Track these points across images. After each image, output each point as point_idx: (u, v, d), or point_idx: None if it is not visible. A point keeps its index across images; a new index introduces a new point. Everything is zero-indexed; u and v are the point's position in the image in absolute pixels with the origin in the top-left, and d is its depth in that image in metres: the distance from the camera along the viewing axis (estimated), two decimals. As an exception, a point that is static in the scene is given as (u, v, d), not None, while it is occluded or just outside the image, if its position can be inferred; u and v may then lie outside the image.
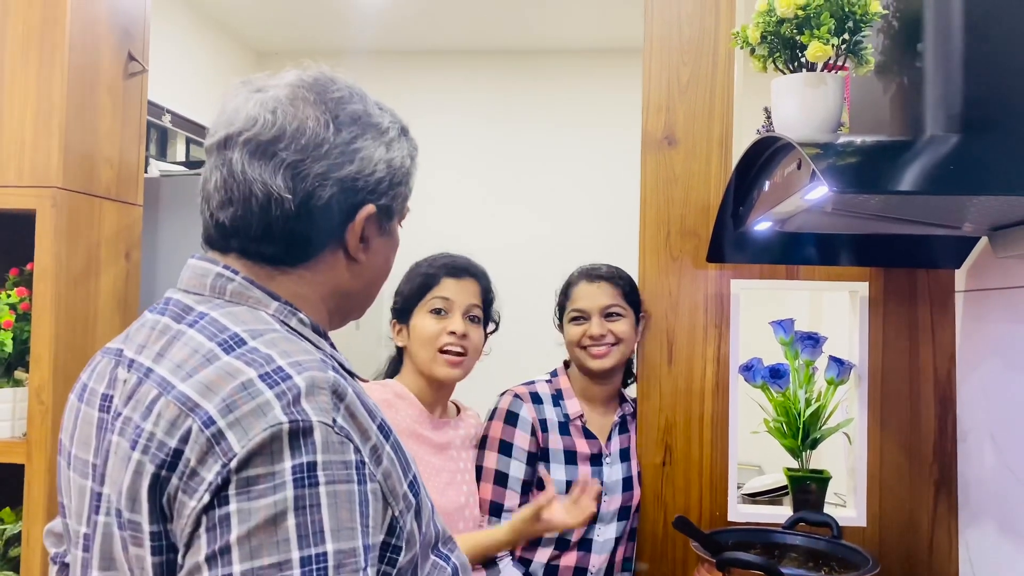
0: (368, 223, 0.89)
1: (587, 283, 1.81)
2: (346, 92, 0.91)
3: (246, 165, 0.85)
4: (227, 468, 0.71)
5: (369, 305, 0.99)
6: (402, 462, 0.83)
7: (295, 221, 0.85)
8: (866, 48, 1.26)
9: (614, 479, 1.78)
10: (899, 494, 1.78)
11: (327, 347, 0.88)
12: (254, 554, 0.69)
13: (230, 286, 0.86)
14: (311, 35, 4.32)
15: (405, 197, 0.95)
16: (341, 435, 0.74)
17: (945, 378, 1.78)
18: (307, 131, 0.85)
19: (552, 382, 1.84)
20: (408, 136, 0.96)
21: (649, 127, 1.90)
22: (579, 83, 4.35)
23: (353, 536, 0.72)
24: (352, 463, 0.74)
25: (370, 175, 0.88)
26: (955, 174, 1.01)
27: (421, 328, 1.61)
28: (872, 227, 1.53)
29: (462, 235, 3.96)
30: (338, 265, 0.90)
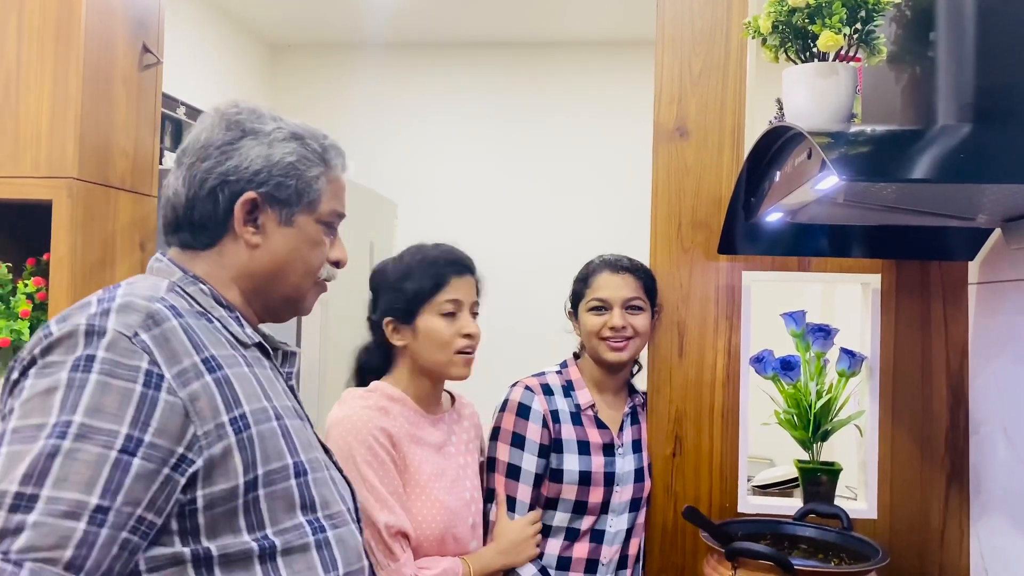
0: (259, 209, 1.07)
1: (611, 273, 1.79)
2: (242, 108, 1.10)
3: (169, 176, 1.10)
4: (34, 352, 0.91)
5: (296, 295, 1.13)
6: (226, 397, 0.96)
7: (190, 211, 1.07)
8: (878, 38, 1.26)
9: (626, 470, 1.78)
10: (910, 487, 1.78)
11: (222, 312, 1.05)
12: (25, 415, 0.86)
13: (157, 265, 1.09)
14: (324, 28, 4.33)
15: (301, 191, 1.09)
16: (137, 346, 0.91)
17: (957, 371, 1.77)
18: (201, 140, 1.08)
19: (562, 373, 1.83)
20: (304, 141, 1.11)
21: (661, 118, 1.90)
22: (591, 75, 4.34)
23: (114, 421, 0.87)
24: (140, 369, 0.90)
25: (246, 168, 1.06)
26: (967, 162, 1.01)
27: (434, 331, 1.56)
28: (884, 219, 1.52)
29: (473, 227, 3.97)
30: (239, 249, 1.08)
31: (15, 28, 1.85)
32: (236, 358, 1.01)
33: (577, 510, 1.73)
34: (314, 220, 1.11)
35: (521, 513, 1.69)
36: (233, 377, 0.98)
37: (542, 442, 1.72)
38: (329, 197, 1.13)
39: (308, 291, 1.15)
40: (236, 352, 1.03)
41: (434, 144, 4.40)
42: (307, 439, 1.08)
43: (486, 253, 1.75)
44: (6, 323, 1.79)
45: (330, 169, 1.13)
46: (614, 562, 1.76)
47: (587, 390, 1.81)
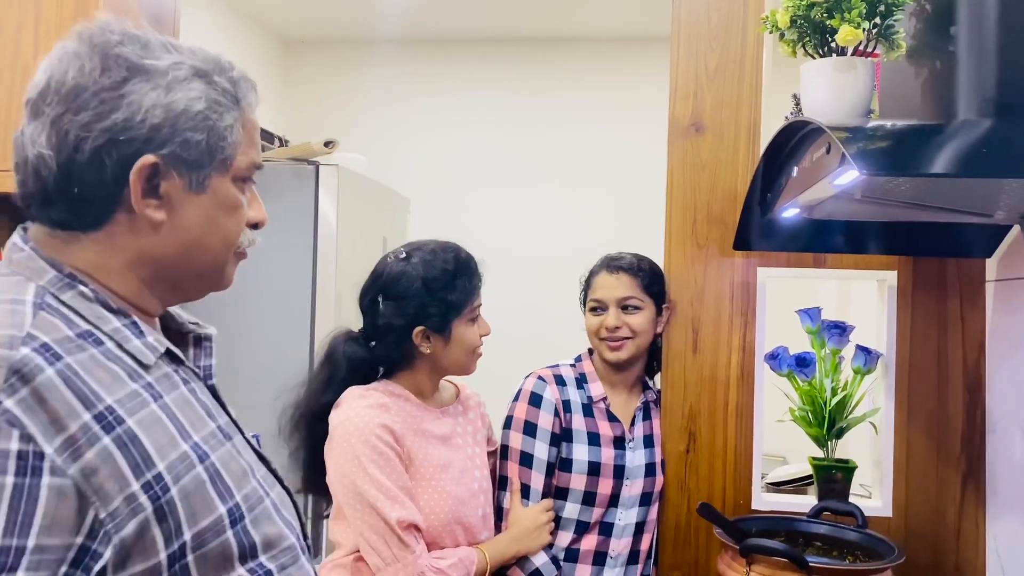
0: (161, 176, 0.82)
1: (607, 274, 1.81)
2: (123, 35, 0.83)
3: (24, 129, 0.82)
4: None
5: (214, 273, 0.91)
6: (134, 459, 0.74)
7: (64, 180, 0.80)
8: (897, 32, 1.25)
9: (636, 464, 1.79)
10: (926, 485, 1.77)
11: (115, 323, 0.81)
12: None
13: (17, 256, 0.83)
14: (337, 24, 4.34)
15: (214, 147, 0.84)
16: (2, 420, 0.68)
17: (974, 368, 1.76)
18: (67, 80, 0.80)
19: (576, 366, 1.85)
20: (211, 78, 0.85)
21: (676, 114, 1.89)
22: (605, 71, 4.33)
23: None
24: (8, 453, 0.67)
25: (141, 122, 0.80)
26: (987, 157, 1.00)
27: (468, 338, 1.59)
28: (901, 215, 1.51)
29: (486, 222, 3.97)
30: (138, 227, 0.83)
31: (32, 26, 1.86)
32: (140, 394, 0.78)
33: (587, 501, 1.74)
34: (230, 180, 0.87)
35: (535, 500, 1.71)
36: (139, 427, 0.75)
37: (553, 431, 1.74)
38: (245, 147, 0.88)
39: (226, 264, 0.91)
40: (138, 383, 0.79)
41: (447, 140, 4.40)
42: (240, 467, 0.87)
43: (499, 249, 1.76)
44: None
45: (244, 111, 0.88)
46: (623, 556, 1.77)
47: (600, 383, 1.82)
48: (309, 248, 2.59)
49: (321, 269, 2.59)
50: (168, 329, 0.95)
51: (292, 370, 2.63)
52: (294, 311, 2.59)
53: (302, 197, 2.60)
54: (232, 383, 2.55)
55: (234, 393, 2.89)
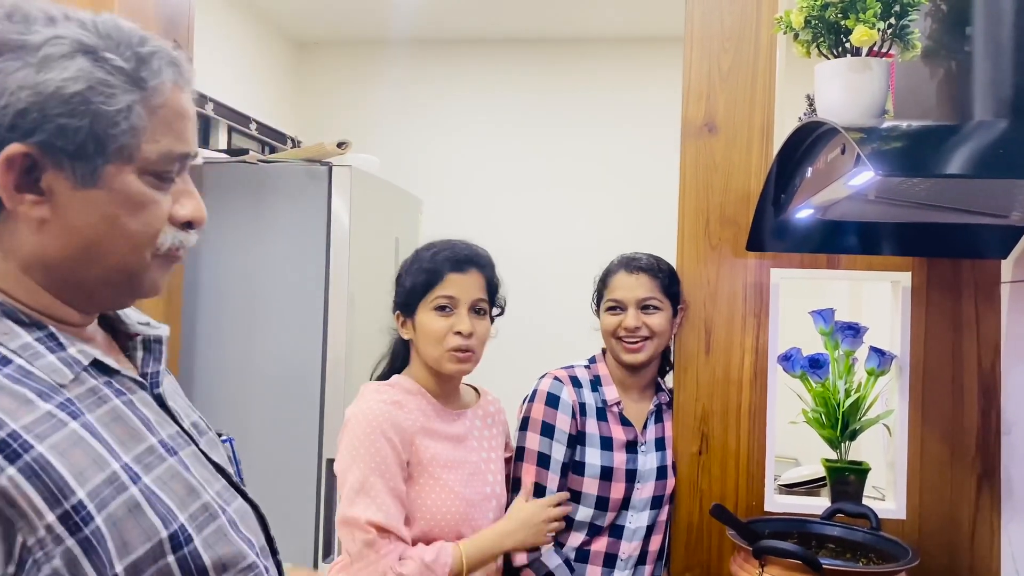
0: (39, 168, 0.72)
1: (626, 274, 1.80)
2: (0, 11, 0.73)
3: None
4: None
5: (122, 277, 0.79)
6: (48, 488, 0.66)
7: None
8: (912, 32, 1.25)
9: (648, 467, 1.78)
10: (940, 487, 1.76)
11: (25, 338, 0.73)
12: None
13: None
14: (350, 25, 4.35)
15: (103, 136, 0.73)
16: None
17: (989, 370, 1.75)
18: None
19: (591, 368, 1.84)
20: (99, 54, 0.74)
21: (689, 115, 1.89)
22: (618, 71, 4.32)
23: None
24: None
25: (5, 107, 0.70)
26: (1003, 158, 1.00)
27: (428, 326, 1.57)
28: (916, 216, 1.51)
29: (498, 223, 3.98)
30: (20, 228, 0.74)
31: (50, 25, 1.87)
32: (53, 415, 0.70)
33: (599, 506, 1.74)
34: (134, 172, 0.76)
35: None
36: (52, 452, 0.67)
37: (570, 432, 1.74)
38: (155, 133, 0.76)
39: (145, 269, 0.80)
40: (52, 403, 0.71)
41: (459, 141, 4.40)
42: (186, 485, 0.78)
43: (511, 249, 1.76)
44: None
45: (151, 93, 0.76)
46: (633, 558, 1.77)
47: (614, 387, 1.81)
48: (322, 249, 2.60)
49: (334, 270, 2.60)
50: (116, 332, 0.88)
51: (304, 370, 2.65)
52: (307, 311, 2.60)
53: (315, 198, 2.61)
54: (244, 384, 2.58)
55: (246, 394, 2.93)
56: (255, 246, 2.58)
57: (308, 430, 2.56)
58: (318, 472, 2.55)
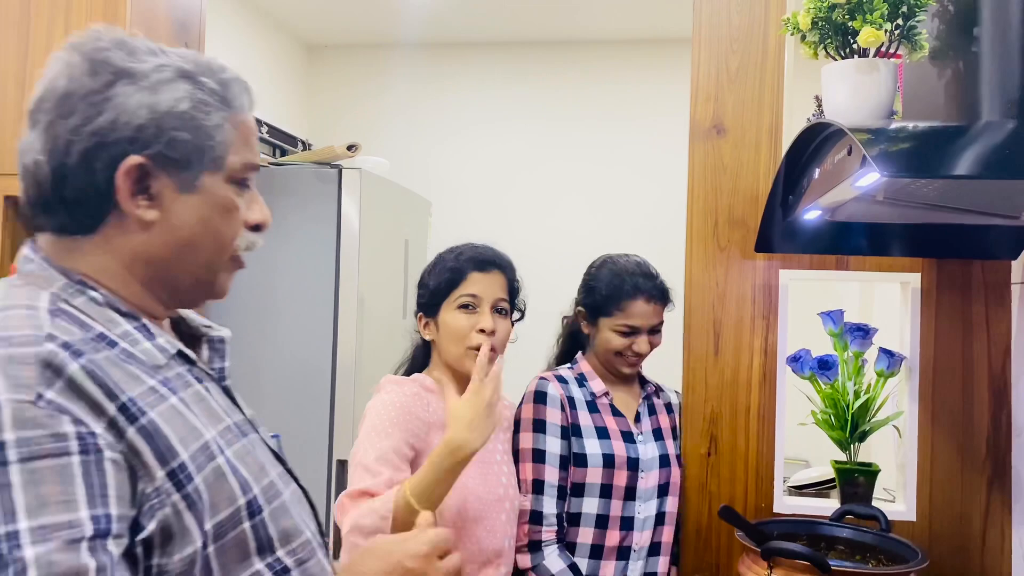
0: (150, 176, 0.83)
1: (646, 303, 1.78)
2: (110, 42, 0.84)
3: (23, 139, 0.85)
4: None
5: (209, 275, 0.91)
6: (158, 448, 0.76)
7: (58, 184, 0.82)
8: (920, 33, 1.25)
9: (649, 456, 1.79)
10: (950, 489, 1.75)
11: (125, 326, 0.83)
12: None
13: (28, 267, 0.85)
14: (361, 28, 4.37)
15: (202, 147, 0.85)
16: (49, 409, 0.70)
17: (1000, 372, 1.74)
18: (59, 88, 0.82)
19: (574, 368, 1.86)
20: (196, 79, 0.86)
21: (698, 116, 1.89)
22: (626, 73, 4.32)
23: (67, 508, 0.68)
24: (69, 435, 0.70)
25: (126, 123, 0.81)
26: (1011, 158, 1.00)
27: (451, 324, 1.59)
28: (925, 217, 1.50)
29: (507, 225, 3.98)
30: (129, 229, 0.84)
31: (62, 31, 1.89)
32: (156, 391, 0.80)
33: (604, 494, 1.75)
34: (223, 180, 0.88)
35: (550, 495, 1.69)
36: (160, 419, 0.77)
37: (563, 424, 1.75)
38: (238, 147, 0.89)
39: (223, 268, 0.91)
40: (154, 380, 0.81)
41: (468, 143, 4.41)
42: (257, 462, 0.88)
43: (519, 251, 1.76)
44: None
45: (235, 112, 0.89)
46: (645, 548, 1.77)
47: (600, 381, 1.83)
48: (332, 250, 2.61)
49: (344, 271, 2.61)
50: (181, 332, 0.96)
51: (315, 371, 2.66)
52: (317, 313, 2.62)
53: (325, 200, 2.62)
54: (255, 385, 2.60)
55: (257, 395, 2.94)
56: (265, 248, 2.57)
57: (318, 431, 2.57)
58: (328, 473, 2.56)
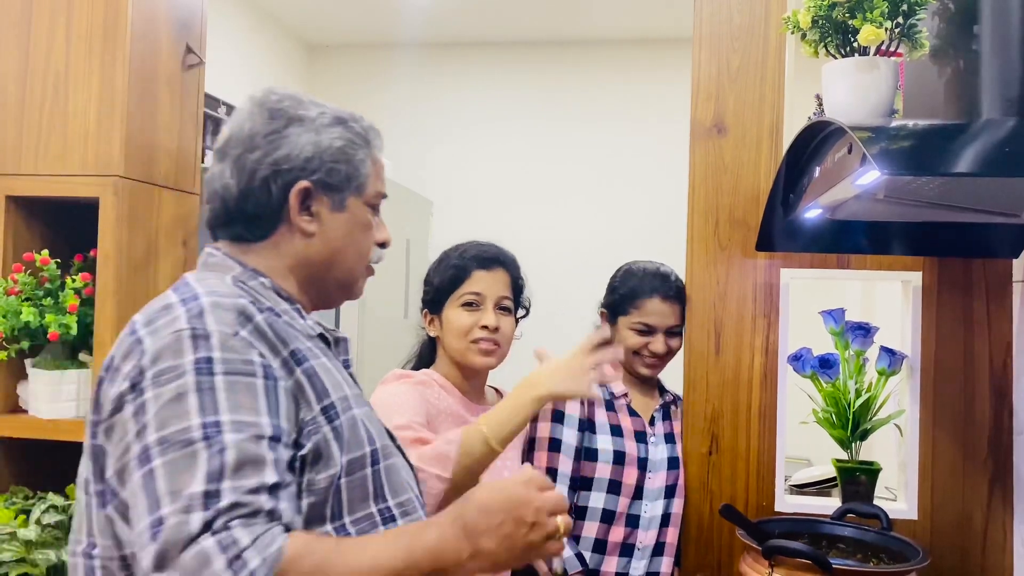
0: (312, 197, 1.06)
1: (661, 301, 1.82)
2: (282, 95, 1.09)
3: (213, 169, 1.09)
4: (141, 363, 0.90)
5: (350, 280, 1.14)
6: (316, 387, 0.98)
7: (243, 202, 1.06)
8: (920, 32, 1.25)
9: (659, 457, 1.81)
10: (952, 488, 1.75)
11: (285, 306, 1.05)
12: (162, 425, 0.86)
13: (212, 260, 1.08)
14: (361, 28, 4.37)
15: (351, 176, 1.09)
16: (243, 342, 0.92)
17: (1001, 370, 1.74)
18: (245, 130, 1.07)
19: None
20: (348, 124, 1.10)
21: (698, 115, 1.89)
22: (627, 73, 4.32)
23: (254, 413, 0.88)
24: (256, 363, 0.91)
25: (298, 155, 1.05)
26: (1012, 156, 1.00)
27: (454, 321, 1.63)
28: (926, 215, 1.50)
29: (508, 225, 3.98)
30: (294, 238, 1.08)
31: (64, 31, 1.89)
32: (312, 350, 1.01)
33: (612, 490, 1.77)
34: (363, 203, 1.11)
35: (563, 485, 1.72)
36: (317, 368, 0.99)
37: (580, 416, 1.78)
38: (374, 179, 1.13)
39: (360, 276, 1.15)
40: (309, 343, 1.02)
41: (469, 142, 4.42)
42: (376, 426, 1.08)
43: (520, 250, 1.77)
44: (55, 318, 1.83)
45: (372, 150, 1.13)
46: (650, 548, 1.79)
47: (619, 382, 1.84)
48: (333, 250, 2.61)
49: (345, 271, 2.61)
50: None
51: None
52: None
53: (326, 200, 2.62)
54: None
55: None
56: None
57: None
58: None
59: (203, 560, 0.78)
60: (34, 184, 1.89)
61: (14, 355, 1.88)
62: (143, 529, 0.82)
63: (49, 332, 1.83)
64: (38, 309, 1.85)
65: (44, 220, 2.01)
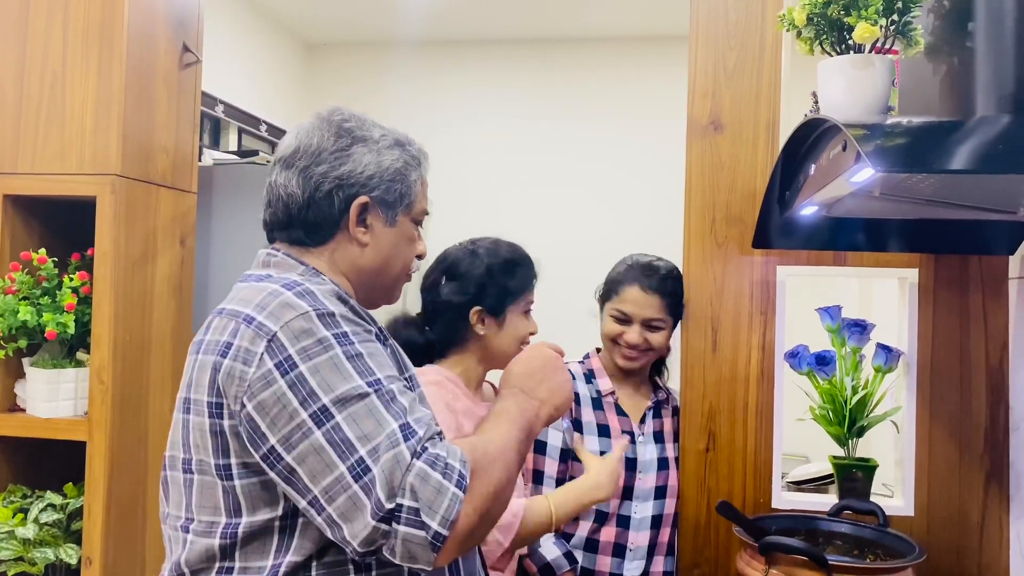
0: (368, 211, 1.17)
1: (640, 290, 1.82)
2: (348, 116, 1.19)
3: (277, 176, 1.18)
4: (271, 340, 1.00)
5: (394, 286, 1.25)
6: (401, 361, 1.15)
7: (307, 210, 1.15)
8: (915, 29, 1.25)
9: (648, 457, 1.82)
10: (948, 484, 1.76)
11: (342, 306, 1.09)
12: (331, 388, 0.97)
13: (274, 259, 1.17)
14: (358, 27, 4.37)
15: (404, 194, 1.19)
16: (355, 317, 1.06)
17: (997, 367, 1.74)
18: (313, 145, 1.16)
19: (584, 363, 1.90)
20: (405, 147, 1.21)
21: (695, 113, 1.89)
22: (624, 70, 4.33)
23: (390, 368, 1.04)
24: (371, 331, 1.07)
25: (361, 172, 1.16)
26: (1006, 153, 1.00)
27: (518, 327, 1.64)
28: (922, 212, 1.50)
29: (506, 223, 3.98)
30: (349, 246, 1.17)
31: (60, 30, 1.89)
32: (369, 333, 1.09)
33: None
34: (410, 219, 1.22)
35: (548, 487, 1.73)
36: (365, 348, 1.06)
37: (567, 417, 1.79)
38: (422, 198, 1.24)
39: (401, 283, 1.26)
40: (375, 329, 1.12)
41: (467, 140, 4.42)
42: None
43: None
44: (52, 316, 1.83)
45: (422, 171, 1.24)
46: (642, 548, 1.79)
47: (608, 379, 1.86)
48: (331, 249, 2.61)
49: (343, 269, 2.61)
50: None
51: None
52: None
53: (324, 198, 2.62)
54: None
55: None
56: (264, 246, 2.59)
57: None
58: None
59: (424, 477, 0.94)
60: (31, 183, 1.90)
61: (12, 354, 1.88)
62: (339, 476, 0.95)
63: (47, 331, 1.83)
64: (35, 308, 1.85)
65: (41, 219, 2.01)
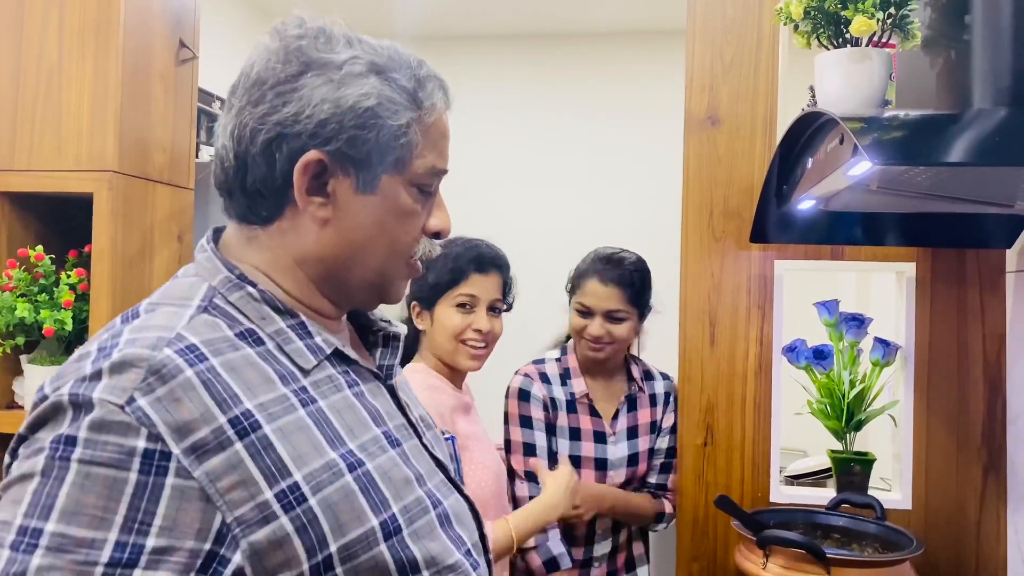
0: (328, 173, 0.79)
1: (598, 282, 1.86)
2: (306, 31, 0.82)
3: (218, 123, 0.83)
4: (21, 432, 0.71)
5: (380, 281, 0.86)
6: (266, 467, 0.71)
7: (241, 172, 0.80)
8: (912, 22, 1.25)
9: (619, 456, 1.89)
10: (946, 478, 1.76)
11: (279, 323, 0.80)
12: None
13: (200, 256, 0.84)
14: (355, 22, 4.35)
15: (384, 146, 0.80)
16: (132, 417, 0.67)
17: (995, 360, 1.74)
18: (252, 74, 0.80)
19: (561, 360, 1.93)
20: (387, 76, 0.81)
21: (692, 107, 1.89)
22: (621, 65, 4.32)
23: (98, 525, 0.65)
24: (135, 450, 0.66)
25: (308, 117, 0.77)
26: (1003, 146, 1.00)
27: (446, 320, 1.63)
28: (919, 206, 1.50)
29: (504, 218, 3.98)
30: (304, 225, 0.81)
31: (56, 26, 1.89)
32: (287, 399, 0.76)
33: None
34: (405, 183, 0.83)
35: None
36: (277, 435, 0.73)
37: (547, 421, 1.84)
38: (424, 150, 0.83)
39: (397, 276, 0.87)
40: (289, 388, 0.76)
41: (462, 136, 4.38)
42: (403, 476, 0.81)
43: (513, 243, 1.79)
44: (50, 313, 1.83)
45: (425, 112, 0.83)
46: (609, 526, 1.89)
47: (583, 379, 1.90)
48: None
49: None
50: (360, 326, 0.96)
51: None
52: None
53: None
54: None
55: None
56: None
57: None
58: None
59: None
60: (28, 180, 1.89)
61: (9, 351, 1.88)
62: None
63: (44, 328, 1.83)
64: (33, 305, 1.85)
65: (38, 216, 2.01)
